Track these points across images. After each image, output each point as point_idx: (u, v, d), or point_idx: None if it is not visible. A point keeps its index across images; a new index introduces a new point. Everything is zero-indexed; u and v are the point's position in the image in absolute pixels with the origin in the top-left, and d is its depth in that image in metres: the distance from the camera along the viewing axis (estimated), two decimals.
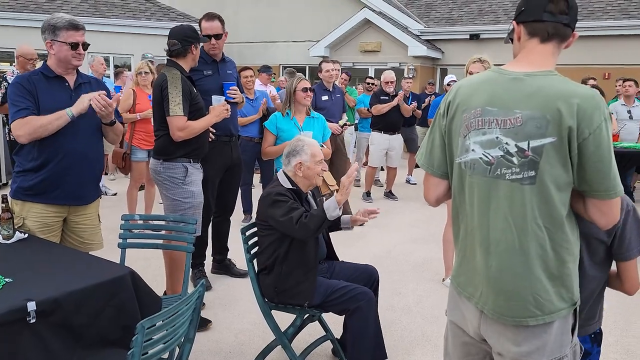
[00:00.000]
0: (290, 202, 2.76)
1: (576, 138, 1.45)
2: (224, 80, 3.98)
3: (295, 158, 2.92)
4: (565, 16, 1.54)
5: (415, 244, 5.57)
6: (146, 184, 5.78)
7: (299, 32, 13.76)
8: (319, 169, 2.95)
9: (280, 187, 2.87)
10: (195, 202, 3.51)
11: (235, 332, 3.47)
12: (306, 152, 2.92)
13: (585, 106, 1.45)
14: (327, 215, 2.65)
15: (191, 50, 3.48)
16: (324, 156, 4.54)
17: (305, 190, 2.98)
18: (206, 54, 3.97)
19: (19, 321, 1.81)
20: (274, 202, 2.76)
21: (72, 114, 2.67)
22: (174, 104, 3.31)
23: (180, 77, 3.37)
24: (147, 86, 5.66)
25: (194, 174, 3.52)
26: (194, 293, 1.98)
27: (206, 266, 4.30)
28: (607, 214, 1.52)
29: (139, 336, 1.67)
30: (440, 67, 12.85)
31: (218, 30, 3.90)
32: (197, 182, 3.55)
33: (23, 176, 2.76)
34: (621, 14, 10.77)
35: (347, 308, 2.73)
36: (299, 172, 2.92)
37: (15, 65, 6.07)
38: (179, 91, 3.32)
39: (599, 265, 1.81)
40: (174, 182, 3.45)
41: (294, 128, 4.36)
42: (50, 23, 2.73)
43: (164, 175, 3.45)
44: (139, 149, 5.50)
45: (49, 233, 2.78)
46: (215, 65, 4.00)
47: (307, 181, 2.94)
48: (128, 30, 12.49)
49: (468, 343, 1.75)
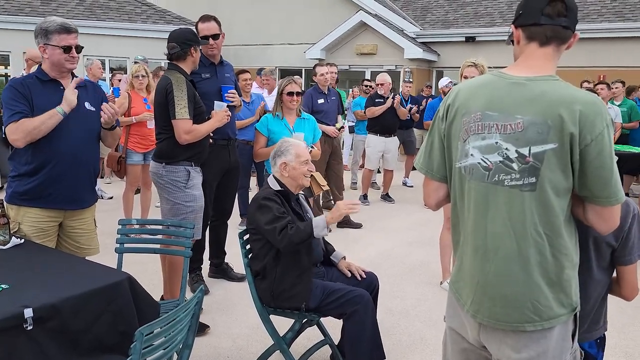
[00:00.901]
0: (275, 207, 2.74)
1: (578, 144, 1.44)
2: (222, 83, 3.97)
3: (280, 158, 2.94)
4: (563, 18, 1.52)
5: (412, 247, 5.57)
6: (142, 187, 5.76)
7: (295, 34, 13.77)
8: (305, 169, 2.96)
9: (267, 190, 2.88)
10: (197, 205, 3.50)
11: (233, 337, 3.46)
12: (290, 152, 2.94)
13: (588, 112, 1.44)
14: (314, 233, 2.67)
15: (191, 52, 3.48)
16: (312, 157, 4.56)
17: (295, 192, 2.99)
18: (204, 57, 3.96)
19: (16, 328, 1.79)
20: (260, 206, 2.78)
21: (64, 111, 2.65)
22: (180, 107, 3.31)
23: (185, 81, 3.38)
24: (142, 89, 5.64)
25: (195, 178, 3.52)
26: (193, 299, 1.97)
27: (203, 270, 4.28)
28: (607, 220, 1.52)
29: (137, 343, 1.66)
30: (436, 69, 12.88)
31: (215, 31, 3.90)
32: (198, 186, 3.55)
33: (18, 181, 2.74)
34: (616, 17, 10.83)
35: (344, 311, 2.72)
36: (284, 172, 2.93)
37: (25, 68, 6.08)
38: (184, 94, 3.32)
39: (605, 269, 1.81)
40: (176, 185, 3.43)
41: (285, 129, 4.38)
42: (42, 27, 2.72)
43: (166, 179, 3.44)
44: (134, 152, 5.48)
45: (44, 238, 2.76)
46: (213, 68, 3.99)
47: (294, 182, 2.95)
48: (124, 33, 12.46)
49: (467, 349, 1.73)
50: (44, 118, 2.62)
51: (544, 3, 1.52)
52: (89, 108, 2.87)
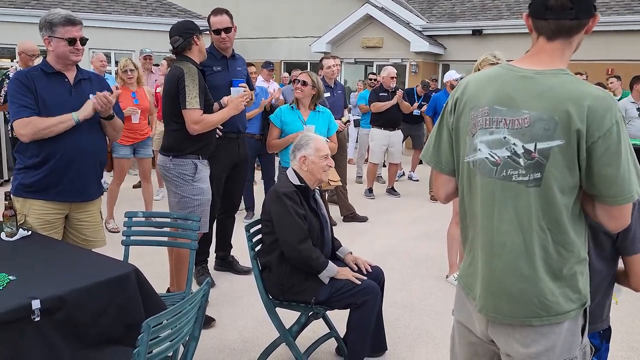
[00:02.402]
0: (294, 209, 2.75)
1: (585, 141, 1.40)
2: (234, 76, 3.95)
3: (300, 152, 2.93)
4: (569, 11, 1.44)
5: (418, 241, 5.56)
6: (142, 181, 5.76)
7: (301, 27, 13.72)
8: (324, 163, 2.94)
9: (287, 185, 2.86)
10: (204, 199, 3.49)
11: (239, 329, 3.46)
12: (310, 146, 2.93)
13: (597, 108, 1.39)
14: (321, 272, 2.73)
15: (194, 41, 3.44)
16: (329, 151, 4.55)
17: (313, 187, 2.97)
18: (216, 49, 3.95)
19: (24, 319, 1.80)
20: (279, 202, 2.77)
21: (78, 119, 2.68)
22: (191, 97, 3.29)
23: (197, 71, 3.36)
24: (132, 84, 5.61)
25: (202, 171, 3.50)
26: (199, 291, 1.97)
27: (209, 263, 4.29)
28: (616, 217, 1.48)
29: (144, 335, 1.66)
30: (442, 62, 12.80)
31: (227, 24, 3.88)
32: (206, 179, 3.53)
33: (24, 173, 2.75)
34: (625, 9, 10.72)
35: (354, 302, 2.72)
36: (303, 166, 2.92)
37: (18, 61, 6.05)
38: (196, 84, 3.30)
39: (606, 260, 1.79)
40: (184, 178, 3.42)
41: (298, 121, 4.36)
42: (46, 19, 2.71)
43: (173, 172, 3.43)
44: (120, 145, 5.44)
45: (50, 230, 2.77)
46: (225, 62, 3.98)
47: (313, 176, 2.94)
48: (129, 26, 12.44)
49: (475, 343, 1.72)
50: (57, 121, 2.64)
51: None
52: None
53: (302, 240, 2.72)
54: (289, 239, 2.72)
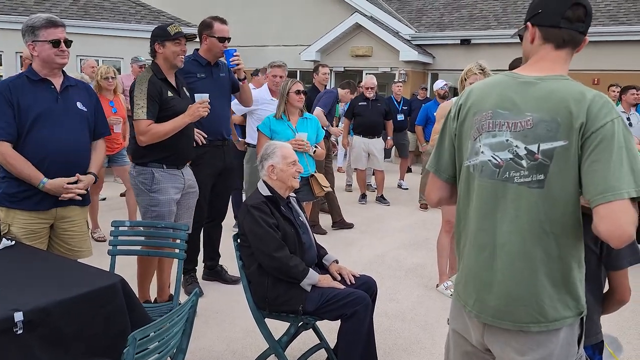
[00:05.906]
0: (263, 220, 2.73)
1: (580, 137, 1.42)
2: (217, 83, 3.94)
3: (267, 161, 2.92)
4: (581, 24, 1.54)
5: (408, 250, 5.54)
6: (127, 189, 5.68)
7: (290, 36, 13.74)
8: (293, 170, 2.93)
9: (256, 198, 2.85)
10: (163, 211, 3.31)
11: (227, 340, 3.41)
12: (277, 154, 2.92)
13: (596, 103, 1.43)
14: (302, 280, 2.71)
15: (155, 49, 3.32)
16: (318, 157, 4.53)
17: (285, 195, 2.95)
18: (201, 56, 3.93)
19: (6, 332, 1.75)
20: (249, 216, 2.76)
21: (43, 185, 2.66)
22: (137, 107, 3.20)
23: (148, 80, 3.23)
24: (110, 91, 5.51)
25: (163, 182, 3.33)
26: (187, 303, 1.93)
27: (197, 272, 4.24)
28: (604, 217, 1.35)
29: (130, 348, 1.62)
30: (431, 72, 12.88)
31: (229, 34, 3.93)
32: (166, 191, 3.33)
33: (8, 182, 2.70)
34: (610, 20, 10.87)
35: (344, 313, 2.69)
36: (272, 175, 2.90)
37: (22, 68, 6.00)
38: (143, 94, 3.20)
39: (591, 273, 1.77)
40: (141, 188, 3.33)
41: (288, 129, 4.35)
42: (28, 24, 2.68)
43: (136, 180, 3.36)
44: None
45: (35, 240, 2.71)
46: (209, 69, 3.95)
47: (283, 184, 2.92)
48: (118, 34, 12.37)
49: (470, 353, 1.71)
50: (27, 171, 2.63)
51: (565, 6, 1.52)
52: (81, 108, 2.83)
53: (276, 248, 2.70)
54: (265, 249, 2.71)
